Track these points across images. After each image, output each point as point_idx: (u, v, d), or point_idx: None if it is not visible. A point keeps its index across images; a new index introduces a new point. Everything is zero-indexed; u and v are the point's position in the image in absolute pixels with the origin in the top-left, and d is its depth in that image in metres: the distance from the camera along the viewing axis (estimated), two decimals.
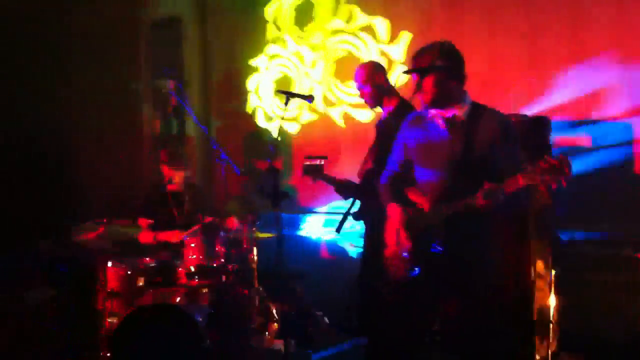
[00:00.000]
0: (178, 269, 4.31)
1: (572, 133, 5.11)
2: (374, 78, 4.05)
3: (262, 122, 6.87)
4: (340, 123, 6.42)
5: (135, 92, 6.77)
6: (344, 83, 6.28)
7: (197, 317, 3.98)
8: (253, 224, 4.37)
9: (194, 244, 4.33)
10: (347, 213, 3.19)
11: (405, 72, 3.13)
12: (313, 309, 5.15)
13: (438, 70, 2.96)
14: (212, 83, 7.16)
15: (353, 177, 4.17)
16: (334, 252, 5.97)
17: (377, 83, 4.05)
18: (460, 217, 2.88)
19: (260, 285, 4.50)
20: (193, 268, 4.27)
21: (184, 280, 4.28)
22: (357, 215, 3.98)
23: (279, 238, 3.97)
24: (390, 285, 3.06)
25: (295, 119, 6.67)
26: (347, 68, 4.22)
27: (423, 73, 2.99)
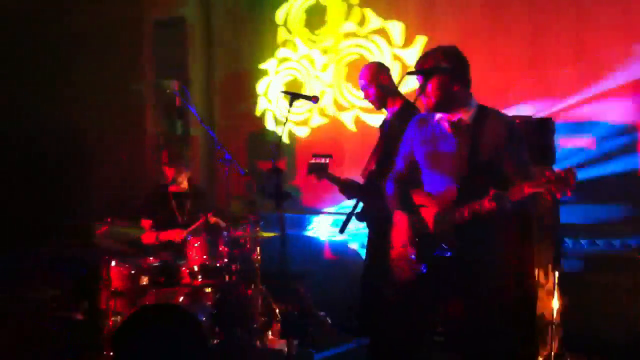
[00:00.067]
0: (181, 269, 4.30)
1: (575, 135, 5.11)
2: (378, 78, 4.06)
3: (271, 125, 6.82)
4: (352, 127, 6.37)
5: (138, 92, 6.78)
6: (356, 87, 6.18)
7: (200, 316, 3.98)
8: (256, 224, 4.36)
9: (197, 244, 4.33)
10: (350, 213, 3.19)
11: (409, 73, 3.12)
12: (316, 309, 5.15)
13: (441, 73, 2.95)
14: (214, 83, 7.15)
15: (358, 180, 4.18)
16: (338, 252, 5.96)
17: (381, 83, 4.06)
18: (469, 223, 2.88)
19: (263, 285, 4.49)
20: (196, 268, 4.26)
21: (187, 280, 4.27)
22: (360, 216, 3.97)
23: (282, 238, 3.98)
24: (395, 286, 3.07)
25: (306, 123, 6.62)
26: (359, 72, 4.20)
27: (427, 75, 2.98)
